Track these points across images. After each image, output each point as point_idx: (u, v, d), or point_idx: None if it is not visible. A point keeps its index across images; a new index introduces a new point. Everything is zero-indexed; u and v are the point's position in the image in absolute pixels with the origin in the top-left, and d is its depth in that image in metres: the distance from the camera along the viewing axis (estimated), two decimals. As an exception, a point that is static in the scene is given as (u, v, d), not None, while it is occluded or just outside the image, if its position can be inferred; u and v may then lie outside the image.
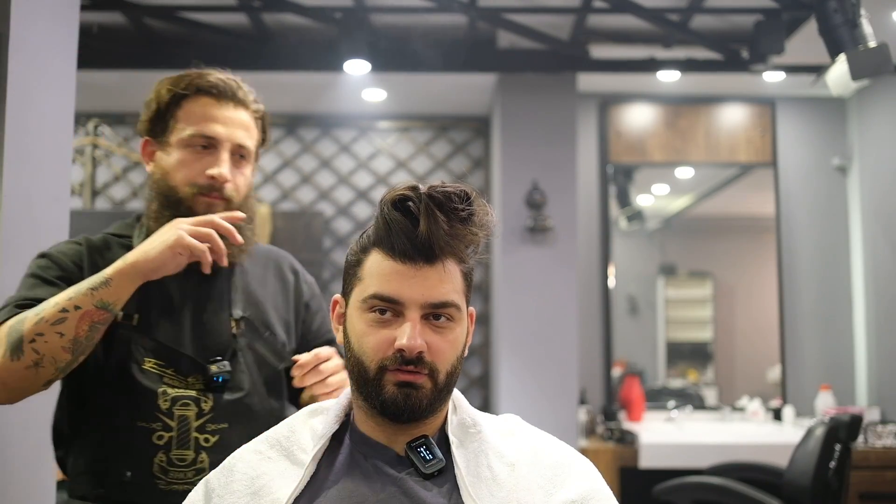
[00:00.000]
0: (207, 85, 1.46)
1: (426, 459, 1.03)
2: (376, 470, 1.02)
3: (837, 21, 2.67)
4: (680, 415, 3.99)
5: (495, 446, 1.07)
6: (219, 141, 1.44)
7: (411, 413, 1.01)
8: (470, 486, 1.01)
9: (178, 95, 1.46)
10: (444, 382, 1.03)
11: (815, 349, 4.17)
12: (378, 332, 1.01)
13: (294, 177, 4.47)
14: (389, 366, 1.00)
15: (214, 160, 1.43)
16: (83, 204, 4.39)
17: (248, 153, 1.48)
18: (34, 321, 1.27)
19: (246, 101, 1.49)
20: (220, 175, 1.42)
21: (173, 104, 1.46)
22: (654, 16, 3.32)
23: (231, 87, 1.47)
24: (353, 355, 1.04)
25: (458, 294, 1.03)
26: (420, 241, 1.00)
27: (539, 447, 1.09)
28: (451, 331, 1.03)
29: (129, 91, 4.15)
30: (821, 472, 2.63)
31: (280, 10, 3.36)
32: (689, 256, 4.49)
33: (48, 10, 1.86)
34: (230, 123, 1.45)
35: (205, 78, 1.47)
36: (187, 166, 1.43)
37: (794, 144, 4.27)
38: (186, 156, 1.43)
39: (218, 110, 1.45)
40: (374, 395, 1.02)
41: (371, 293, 1.02)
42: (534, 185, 3.73)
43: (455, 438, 1.06)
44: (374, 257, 1.03)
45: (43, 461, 1.85)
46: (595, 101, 4.24)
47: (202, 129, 1.43)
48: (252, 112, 1.50)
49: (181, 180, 1.43)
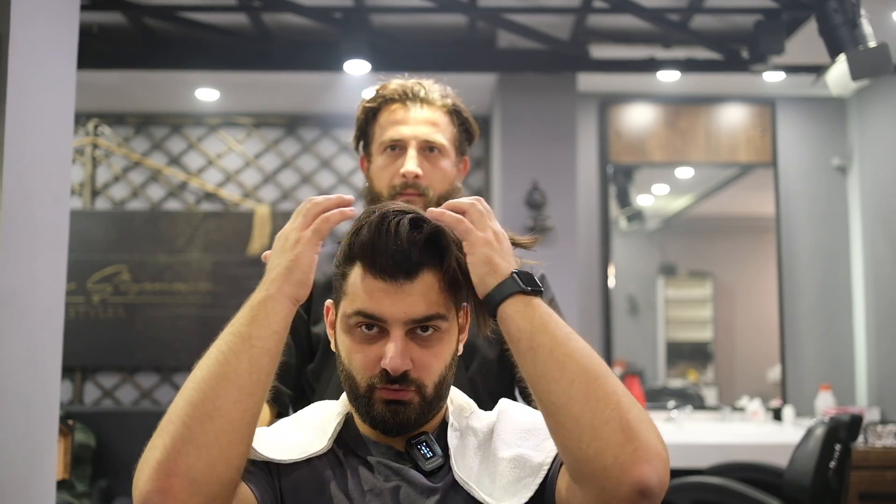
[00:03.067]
0: (391, 93, 1.55)
1: (426, 456, 1.04)
2: (379, 464, 1.04)
3: (837, 21, 2.67)
4: (680, 415, 3.99)
5: (481, 422, 1.10)
6: (405, 141, 1.51)
7: (400, 428, 1.03)
8: (458, 465, 1.03)
9: (371, 110, 1.57)
10: (433, 394, 1.03)
11: (815, 349, 4.17)
12: (365, 349, 1.02)
13: (294, 177, 4.47)
14: (377, 384, 1.01)
15: (405, 160, 1.51)
16: (83, 204, 4.39)
17: (440, 147, 1.53)
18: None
19: (430, 98, 1.54)
20: (408, 171, 1.49)
21: (371, 118, 1.57)
22: (654, 16, 3.32)
23: (413, 89, 1.54)
24: (345, 369, 1.05)
25: (441, 305, 1.02)
26: (400, 255, 0.99)
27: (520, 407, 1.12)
28: (438, 341, 1.03)
29: (129, 91, 4.15)
30: (821, 472, 2.63)
31: (280, 10, 3.36)
32: (689, 256, 4.49)
33: (48, 10, 1.86)
34: (414, 122, 1.52)
35: (388, 87, 1.56)
36: (384, 170, 1.53)
37: (794, 144, 4.27)
38: (383, 161, 1.53)
39: (404, 113, 1.53)
40: (364, 411, 1.03)
41: (355, 310, 1.01)
42: (534, 185, 3.73)
43: (454, 421, 1.09)
44: (356, 272, 1.02)
45: (43, 461, 1.85)
46: (595, 101, 4.24)
47: (389, 133, 1.52)
48: (440, 107, 1.55)
49: (381, 185, 1.53)
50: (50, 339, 1.91)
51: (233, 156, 4.47)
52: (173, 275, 4.34)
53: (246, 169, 4.47)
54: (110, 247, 4.33)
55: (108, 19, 3.58)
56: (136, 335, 4.30)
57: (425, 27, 3.69)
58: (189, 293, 4.33)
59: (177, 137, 4.47)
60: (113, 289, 4.32)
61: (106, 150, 4.45)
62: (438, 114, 1.54)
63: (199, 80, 4.02)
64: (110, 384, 4.31)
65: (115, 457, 3.90)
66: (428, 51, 3.70)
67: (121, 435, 3.93)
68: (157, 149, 4.46)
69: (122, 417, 4.03)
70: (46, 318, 1.89)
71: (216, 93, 4.18)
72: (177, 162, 4.46)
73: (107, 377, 4.32)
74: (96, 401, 4.31)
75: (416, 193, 1.50)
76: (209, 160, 4.46)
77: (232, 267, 4.34)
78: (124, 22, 3.57)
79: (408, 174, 1.49)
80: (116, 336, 4.29)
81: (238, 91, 4.17)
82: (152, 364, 4.30)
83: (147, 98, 4.28)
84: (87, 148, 4.42)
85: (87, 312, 4.29)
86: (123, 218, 4.37)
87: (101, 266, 4.32)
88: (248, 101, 4.32)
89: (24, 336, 1.78)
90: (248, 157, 4.46)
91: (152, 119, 4.45)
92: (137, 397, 4.31)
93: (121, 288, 4.32)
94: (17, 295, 1.74)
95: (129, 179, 4.44)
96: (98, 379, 4.32)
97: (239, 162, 4.46)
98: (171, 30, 3.65)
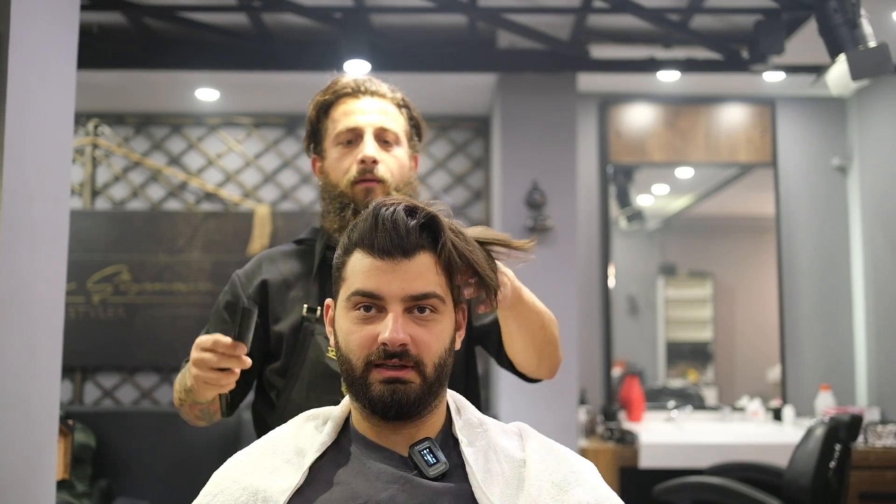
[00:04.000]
0: (342, 87, 1.57)
1: (430, 463, 1.02)
2: (379, 471, 1.02)
3: (837, 21, 2.67)
4: (680, 415, 3.99)
5: (503, 444, 1.08)
6: (360, 129, 1.53)
7: (399, 408, 1.01)
8: (482, 481, 1.01)
9: (323, 105, 1.59)
10: (434, 376, 1.03)
11: (815, 349, 4.17)
12: (362, 328, 1.03)
13: (294, 177, 4.47)
14: (375, 360, 1.01)
15: (362, 148, 1.51)
16: (83, 204, 4.39)
17: (394, 136, 1.55)
18: (176, 391, 1.47)
19: (380, 90, 1.57)
20: (367, 156, 1.50)
21: (322, 115, 1.59)
22: (654, 16, 3.32)
23: (363, 83, 1.57)
24: (342, 355, 1.05)
25: (439, 286, 1.04)
26: (396, 235, 1.02)
27: (548, 448, 1.10)
28: (436, 323, 1.04)
29: (129, 91, 4.15)
30: (821, 472, 2.63)
31: (280, 10, 3.36)
32: (689, 256, 4.49)
33: (48, 10, 1.86)
34: (368, 112, 1.54)
35: (339, 83, 1.58)
36: (341, 161, 1.53)
37: (794, 144, 4.27)
38: (338, 152, 1.54)
39: (357, 104, 1.55)
40: (361, 394, 1.03)
41: (353, 290, 1.04)
42: (534, 185, 3.73)
43: (463, 438, 1.06)
44: (355, 257, 1.06)
45: (43, 461, 1.85)
46: (595, 101, 4.24)
47: (345, 124, 1.53)
48: (391, 100, 1.57)
49: (338, 175, 1.53)
50: (50, 339, 1.91)
51: (233, 156, 4.47)
52: (173, 275, 4.33)
53: (246, 169, 4.47)
54: (110, 247, 4.33)
55: (108, 19, 3.58)
56: (136, 335, 4.29)
57: (425, 27, 3.69)
58: (189, 293, 4.33)
59: (177, 137, 4.47)
60: (113, 289, 4.32)
61: (106, 150, 4.45)
62: (390, 105, 1.56)
63: (199, 80, 4.02)
64: (110, 384, 4.31)
65: (115, 457, 3.90)
66: (428, 51, 3.70)
67: (121, 435, 3.93)
68: (157, 149, 4.46)
69: (122, 417, 4.03)
70: (46, 318, 1.89)
71: (216, 93, 4.18)
72: (177, 162, 4.45)
73: (107, 377, 4.32)
74: (96, 401, 4.31)
75: (375, 180, 1.50)
76: (209, 160, 4.46)
77: (232, 267, 4.27)
78: (124, 22, 3.57)
79: (367, 158, 1.49)
80: (116, 336, 4.29)
81: (238, 91, 4.17)
82: (152, 364, 4.30)
83: (147, 98, 4.28)
84: (87, 148, 4.42)
85: (87, 312, 4.29)
86: (123, 218, 4.37)
87: (101, 266, 4.32)
88: (248, 101, 4.32)
89: (24, 336, 1.78)
90: (248, 157, 4.46)
91: (152, 119, 4.45)
92: (137, 397, 4.31)
93: (121, 288, 4.32)
94: (17, 295, 1.74)
95: (129, 179, 4.44)
96: (98, 379, 4.32)
97: (239, 162, 4.46)
98: (171, 30, 3.65)
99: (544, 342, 1.37)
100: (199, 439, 3.83)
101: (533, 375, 1.48)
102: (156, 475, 3.86)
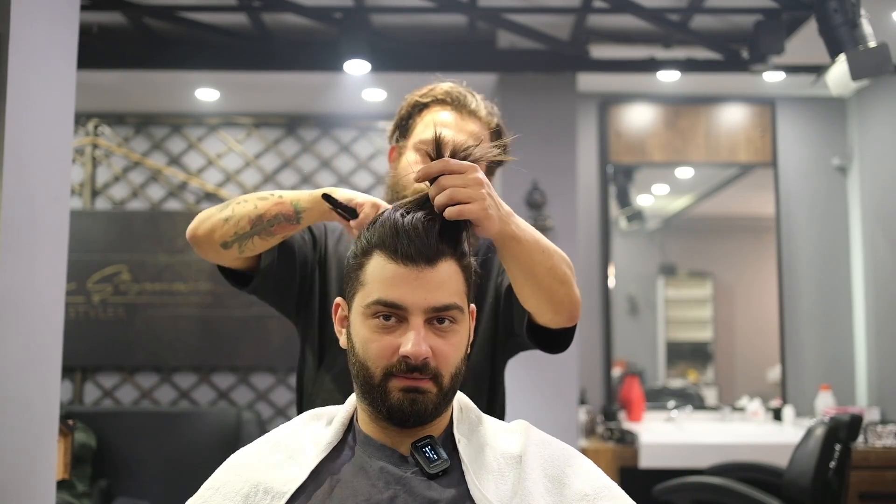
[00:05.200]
0: (442, 94, 1.57)
1: (431, 460, 1.03)
2: (381, 470, 1.02)
3: (837, 21, 2.67)
4: (680, 415, 3.99)
5: (500, 440, 1.08)
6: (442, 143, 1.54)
7: (417, 418, 1.01)
8: (476, 478, 1.01)
9: (418, 105, 1.59)
10: (449, 385, 1.03)
11: (815, 349, 4.17)
12: (382, 338, 1.01)
13: (294, 177, 4.47)
14: (395, 372, 1.00)
15: None
16: (83, 204, 4.39)
17: None
18: (249, 195, 1.48)
19: (478, 112, 1.56)
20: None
21: (415, 112, 1.59)
22: (654, 16, 3.32)
23: (462, 97, 1.56)
24: (358, 360, 1.03)
25: (459, 296, 1.04)
26: (420, 242, 1.00)
27: (545, 443, 1.10)
28: (454, 333, 1.03)
29: (129, 91, 4.15)
30: (821, 472, 2.63)
31: (280, 10, 3.36)
32: (689, 256, 4.49)
33: (48, 10, 1.86)
34: (456, 129, 1.53)
35: (440, 88, 1.58)
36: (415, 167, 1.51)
37: (794, 144, 4.27)
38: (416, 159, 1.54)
39: (448, 118, 1.55)
40: (379, 402, 1.02)
41: (374, 299, 1.01)
42: (534, 185, 3.73)
43: (461, 437, 1.07)
44: (375, 261, 1.03)
45: (43, 461, 1.85)
46: (595, 101, 4.24)
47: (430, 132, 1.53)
48: (484, 123, 1.56)
49: (408, 181, 1.51)
50: (50, 339, 1.91)
51: (233, 156, 4.47)
52: (173, 275, 4.33)
53: (246, 169, 4.47)
54: (110, 247, 4.33)
55: (108, 19, 3.58)
56: (136, 335, 4.29)
57: (425, 27, 3.69)
58: (189, 293, 4.33)
59: (177, 137, 4.47)
60: (113, 289, 4.32)
61: (106, 150, 4.45)
62: (480, 128, 1.55)
63: (199, 80, 4.02)
64: (110, 384, 4.31)
65: (115, 457, 3.90)
66: (428, 51, 3.71)
67: (121, 435, 3.93)
68: (157, 149, 4.46)
69: (122, 417, 4.03)
70: (46, 318, 1.89)
71: (216, 93, 4.18)
72: (177, 162, 4.45)
73: (107, 377, 4.32)
74: (96, 401, 4.31)
75: None
76: (209, 160, 4.46)
77: (232, 267, 4.33)
78: (124, 22, 3.57)
79: None
80: (116, 336, 4.29)
81: (238, 91, 4.17)
82: (152, 364, 4.30)
83: (147, 98, 4.28)
84: (87, 148, 4.42)
85: (87, 312, 4.29)
86: (123, 218, 4.37)
87: (101, 266, 4.32)
88: (248, 101, 4.32)
89: (24, 336, 1.78)
90: (248, 158, 4.46)
91: (152, 119, 4.45)
92: (137, 397, 4.31)
93: (121, 288, 4.32)
94: (17, 295, 1.74)
95: (129, 179, 4.44)
96: (98, 379, 4.32)
97: (239, 162, 4.46)
98: (171, 30, 3.65)
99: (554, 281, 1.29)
100: (200, 439, 3.83)
101: (551, 324, 1.37)
102: (156, 475, 3.86)
